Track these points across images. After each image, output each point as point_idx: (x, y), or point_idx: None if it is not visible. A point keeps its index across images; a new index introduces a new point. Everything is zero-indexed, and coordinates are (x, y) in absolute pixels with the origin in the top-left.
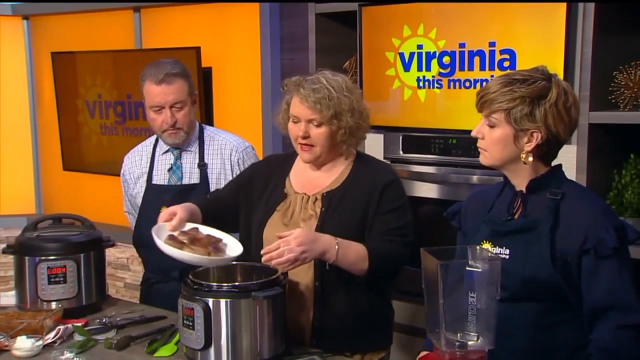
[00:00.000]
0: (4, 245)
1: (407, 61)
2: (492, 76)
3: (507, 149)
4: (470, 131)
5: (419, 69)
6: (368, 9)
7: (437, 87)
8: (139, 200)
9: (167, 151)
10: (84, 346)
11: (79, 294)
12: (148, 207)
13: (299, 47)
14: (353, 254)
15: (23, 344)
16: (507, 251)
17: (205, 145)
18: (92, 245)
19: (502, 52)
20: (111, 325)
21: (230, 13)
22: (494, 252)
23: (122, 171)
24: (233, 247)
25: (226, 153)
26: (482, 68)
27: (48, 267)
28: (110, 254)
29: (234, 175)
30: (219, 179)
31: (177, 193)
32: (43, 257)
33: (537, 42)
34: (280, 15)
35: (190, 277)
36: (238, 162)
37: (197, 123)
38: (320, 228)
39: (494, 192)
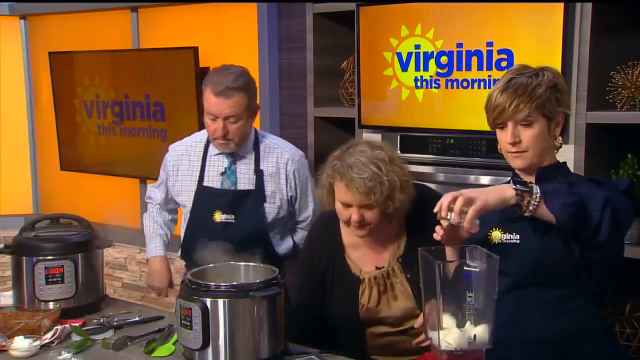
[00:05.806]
0: (1, 245)
1: (404, 61)
2: (489, 76)
3: (545, 142)
4: (468, 131)
5: (417, 68)
6: (366, 9)
7: (434, 87)
8: (183, 199)
9: (220, 153)
10: (82, 346)
11: (77, 294)
12: (200, 210)
13: (296, 47)
14: None
15: (21, 344)
16: (517, 236)
17: (260, 152)
18: (89, 245)
19: (499, 52)
20: (109, 325)
21: (228, 13)
22: (504, 237)
23: (165, 159)
24: None
25: (282, 162)
26: (480, 68)
27: (45, 267)
28: (108, 254)
29: (289, 185)
30: (273, 187)
31: (231, 198)
32: (41, 257)
33: (534, 42)
34: (278, 15)
35: (188, 277)
36: (294, 172)
37: (254, 129)
38: (417, 292)
39: None
